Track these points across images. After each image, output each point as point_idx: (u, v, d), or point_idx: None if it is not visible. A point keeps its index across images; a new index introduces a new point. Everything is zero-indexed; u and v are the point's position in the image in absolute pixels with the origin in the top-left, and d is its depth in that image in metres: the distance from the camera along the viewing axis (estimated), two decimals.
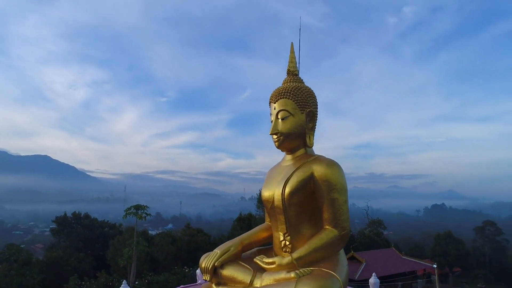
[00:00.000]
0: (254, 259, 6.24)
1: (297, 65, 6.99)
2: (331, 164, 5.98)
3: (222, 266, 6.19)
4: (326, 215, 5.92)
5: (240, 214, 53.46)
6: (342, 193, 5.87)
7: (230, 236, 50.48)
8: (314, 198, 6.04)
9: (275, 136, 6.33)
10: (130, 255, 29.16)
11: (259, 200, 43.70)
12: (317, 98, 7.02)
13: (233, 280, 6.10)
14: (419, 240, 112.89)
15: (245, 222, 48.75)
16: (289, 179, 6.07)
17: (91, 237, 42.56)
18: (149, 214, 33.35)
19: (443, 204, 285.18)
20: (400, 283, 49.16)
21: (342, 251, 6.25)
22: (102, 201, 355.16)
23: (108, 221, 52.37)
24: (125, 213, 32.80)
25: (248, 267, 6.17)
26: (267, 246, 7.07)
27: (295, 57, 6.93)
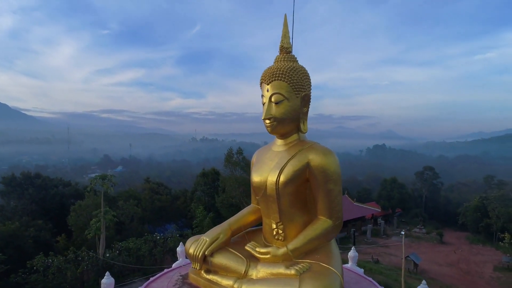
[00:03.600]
0: (246, 247, 6.21)
1: (291, 41, 6.25)
2: (327, 153, 5.81)
3: (212, 254, 6.12)
4: (320, 205, 5.86)
5: (203, 169, 52.91)
6: (338, 184, 5.81)
7: (194, 192, 50.41)
8: (308, 186, 5.95)
9: (268, 121, 5.93)
10: (99, 227, 28.00)
11: (227, 159, 43.15)
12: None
13: (225, 269, 6.02)
14: (362, 180, 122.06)
15: (209, 177, 48.39)
16: (284, 168, 5.84)
17: (46, 199, 40.03)
18: (116, 183, 31.84)
19: (383, 144, 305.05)
20: (353, 229, 53.13)
21: (333, 239, 6.36)
22: (42, 143, 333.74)
23: (61, 178, 49.38)
24: (90, 184, 31.07)
25: (241, 256, 6.10)
26: (254, 228, 7.07)
27: (288, 32, 6.19)
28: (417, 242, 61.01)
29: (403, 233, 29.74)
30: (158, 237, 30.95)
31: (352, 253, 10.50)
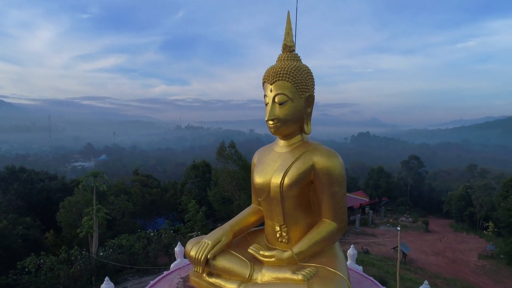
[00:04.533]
0: (249, 250, 6.16)
1: (294, 38, 6.16)
2: (332, 155, 5.77)
3: (214, 257, 6.06)
4: (325, 207, 5.84)
5: (194, 161, 52.24)
6: (342, 186, 5.81)
7: (184, 184, 49.78)
8: (312, 188, 5.93)
9: (271, 122, 5.81)
10: (91, 225, 27.33)
11: (219, 153, 42.60)
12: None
13: (228, 273, 5.96)
14: (348, 168, 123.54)
15: (200, 170, 47.80)
16: (288, 170, 5.77)
17: (32, 194, 38.79)
18: (108, 180, 31.04)
19: (367, 132, 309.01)
20: None
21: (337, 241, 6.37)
22: (22, 130, 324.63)
23: (47, 171, 47.95)
24: (82, 182, 30.20)
25: (244, 259, 6.04)
26: (256, 228, 7.03)
27: (292, 29, 6.07)
28: (404, 231, 62.22)
29: (399, 228, 30.07)
30: (152, 234, 30.48)
31: (351, 251, 10.42)
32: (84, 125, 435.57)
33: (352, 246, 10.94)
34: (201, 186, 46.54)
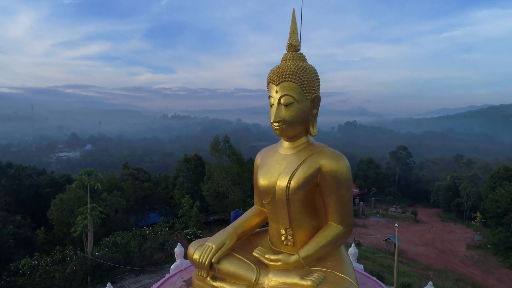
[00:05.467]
0: (254, 253, 6.08)
1: (299, 37, 6.01)
2: (339, 158, 5.69)
3: (218, 261, 5.96)
4: (331, 210, 5.79)
5: (185, 154, 51.55)
6: (349, 189, 5.78)
7: (176, 177, 49.13)
8: (318, 191, 5.85)
9: (276, 124, 5.65)
10: (86, 224, 26.69)
11: (213, 148, 42.03)
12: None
13: (234, 277, 5.88)
14: None
15: (192, 163, 47.22)
16: (295, 173, 5.67)
17: (20, 190, 37.65)
18: (103, 179, 30.32)
19: (354, 121, 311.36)
20: None
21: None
22: (3, 120, 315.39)
23: (35, 166, 46.62)
24: (75, 181, 29.37)
25: (250, 263, 5.95)
26: (259, 230, 6.97)
27: (297, 28, 5.93)
28: (394, 221, 63.20)
29: (397, 225, 30.31)
30: (147, 232, 30.05)
31: (352, 250, 10.35)
32: (68, 114, 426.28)
33: (353, 245, 10.88)
34: (194, 179, 46.08)
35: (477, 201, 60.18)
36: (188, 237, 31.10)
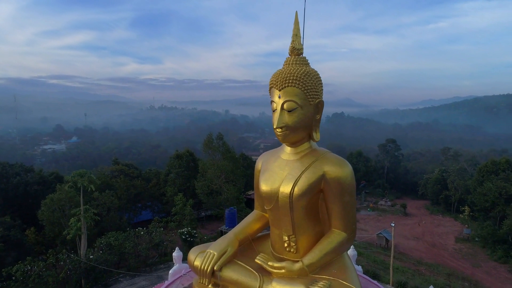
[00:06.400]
0: (256, 259, 6.01)
1: (302, 40, 5.93)
2: (343, 165, 5.61)
3: (220, 268, 5.88)
4: (335, 217, 5.74)
5: (177, 150, 50.91)
6: (353, 195, 5.72)
7: (167, 174, 48.53)
8: (321, 197, 5.81)
9: (279, 130, 5.58)
10: (79, 227, 26.10)
11: (206, 145, 41.52)
12: None
13: (236, 285, 5.78)
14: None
15: (183, 159, 46.68)
16: (298, 180, 5.60)
17: (8, 189, 36.59)
18: (98, 183, 29.60)
19: (342, 112, 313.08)
20: None
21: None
22: None
23: (22, 163, 45.36)
24: (67, 182, 28.59)
25: (253, 270, 5.85)
26: (260, 235, 6.94)
27: (300, 31, 5.82)
28: (384, 215, 64.16)
29: (393, 224, 30.53)
30: (142, 232, 29.67)
31: (351, 252, 10.39)
32: (52, 106, 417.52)
33: (352, 246, 10.84)
34: (186, 176, 45.65)
35: (465, 194, 61.42)
36: (183, 237, 30.83)
